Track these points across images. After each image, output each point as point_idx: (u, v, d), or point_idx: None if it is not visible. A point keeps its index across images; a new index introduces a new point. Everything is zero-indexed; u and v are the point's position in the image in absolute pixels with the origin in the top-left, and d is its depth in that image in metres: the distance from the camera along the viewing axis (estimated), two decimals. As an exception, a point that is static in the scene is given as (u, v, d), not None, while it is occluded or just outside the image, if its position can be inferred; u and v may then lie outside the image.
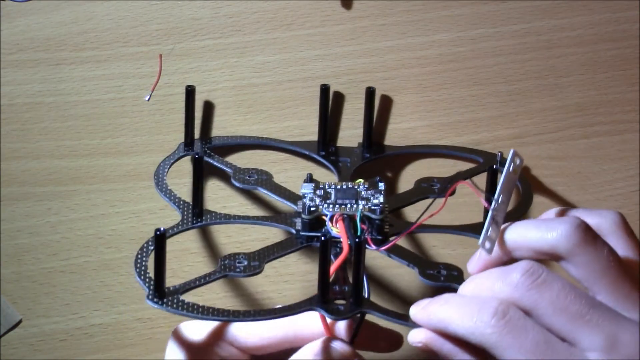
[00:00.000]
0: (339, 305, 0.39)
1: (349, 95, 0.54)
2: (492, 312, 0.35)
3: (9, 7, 0.53)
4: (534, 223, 0.38)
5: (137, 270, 0.41)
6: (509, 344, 0.34)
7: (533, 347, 0.34)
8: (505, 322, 0.35)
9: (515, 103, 0.54)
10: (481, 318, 0.35)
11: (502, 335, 0.34)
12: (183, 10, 0.53)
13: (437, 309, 0.37)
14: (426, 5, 0.53)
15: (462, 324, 0.35)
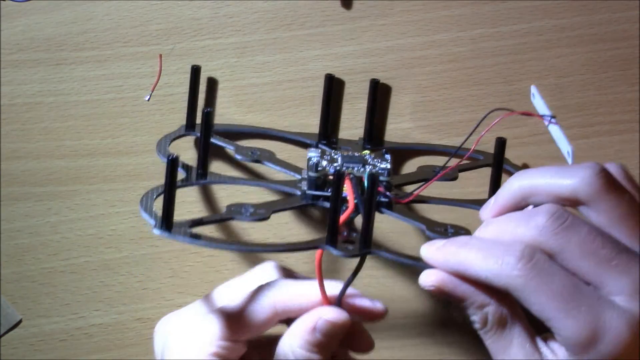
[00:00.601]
0: (348, 246, 0.38)
1: (349, 95, 0.54)
2: (519, 255, 0.34)
3: (9, 7, 0.53)
4: (553, 169, 0.37)
5: (142, 206, 0.40)
6: (535, 287, 0.34)
7: (559, 291, 0.34)
8: (532, 265, 0.34)
9: (515, 103, 0.54)
10: (507, 261, 0.34)
11: (528, 278, 0.34)
12: (183, 10, 0.53)
13: (455, 250, 0.36)
14: (426, 5, 0.53)
15: (486, 267, 0.35)
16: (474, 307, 0.36)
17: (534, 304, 0.34)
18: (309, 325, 0.38)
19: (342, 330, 0.38)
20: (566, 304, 0.33)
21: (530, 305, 0.34)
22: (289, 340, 0.38)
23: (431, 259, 0.37)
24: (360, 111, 0.54)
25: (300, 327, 0.38)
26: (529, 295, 0.34)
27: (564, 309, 0.33)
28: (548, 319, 0.34)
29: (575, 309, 0.33)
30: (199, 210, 0.55)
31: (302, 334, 0.38)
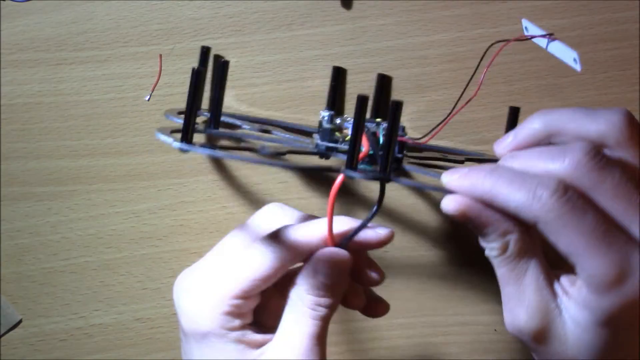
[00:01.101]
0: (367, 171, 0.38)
1: (349, 95, 0.54)
2: (553, 188, 0.33)
3: (9, 7, 0.53)
4: (581, 110, 0.37)
5: (159, 132, 0.38)
6: (567, 222, 0.33)
7: (591, 228, 0.33)
8: (565, 199, 0.33)
9: (515, 103, 0.54)
10: (540, 193, 0.34)
11: (561, 212, 0.33)
12: (183, 10, 0.53)
13: (482, 177, 0.35)
14: (426, 5, 0.53)
15: (516, 197, 0.34)
16: (497, 234, 0.35)
17: (563, 239, 0.33)
18: (309, 271, 0.38)
19: (341, 268, 0.38)
20: (596, 242, 0.33)
21: (558, 240, 0.34)
22: (296, 289, 0.38)
23: (456, 186, 0.36)
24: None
25: (302, 276, 0.38)
26: (558, 230, 0.33)
27: (594, 246, 0.33)
28: (575, 255, 0.33)
29: (605, 247, 0.33)
30: (199, 210, 0.55)
31: (305, 281, 0.38)
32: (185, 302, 0.40)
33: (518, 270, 0.35)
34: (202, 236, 0.55)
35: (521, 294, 0.35)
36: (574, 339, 0.34)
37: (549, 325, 0.35)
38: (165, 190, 0.55)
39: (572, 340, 0.34)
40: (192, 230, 0.54)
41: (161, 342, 0.55)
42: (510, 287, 0.36)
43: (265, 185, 0.54)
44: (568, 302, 0.35)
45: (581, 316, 0.34)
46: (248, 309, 0.39)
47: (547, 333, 0.35)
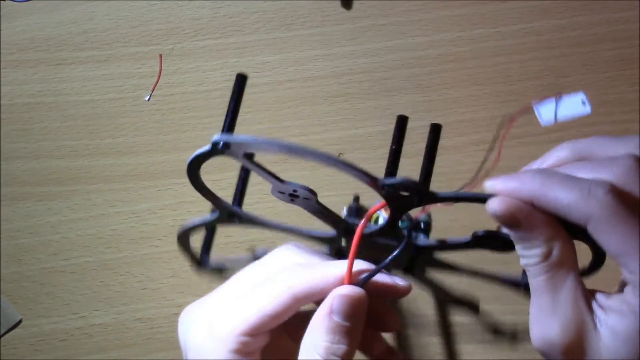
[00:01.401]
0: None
1: (349, 95, 0.54)
2: (608, 187, 0.33)
3: (9, 7, 0.53)
4: (609, 137, 0.37)
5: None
6: (620, 220, 0.33)
7: (629, 239, 0.33)
8: (619, 198, 0.33)
9: (515, 103, 0.54)
10: (595, 191, 0.33)
11: (615, 210, 0.33)
12: (183, 10, 0.53)
13: (532, 176, 0.35)
14: (426, 5, 0.53)
15: (568, 195, 0.33)
16: (542, 238, 0.35)
17: (615, 238, 0.33)
18: (324, 311, 0.36)
19: (358, 308, 0.36)
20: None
21: (610, 239, 0.33)
22: (310, 337, 0.36)
23: (501, 187, 0.35)
24: (360, 111, 0.54)
25: (316, 318, 0.36)
26: (612, 228, 0.33)
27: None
28: (627, 254, 0.33)
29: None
30: (199, 210, 0.55)
31: (320, 324, 0.36)
32: (191, 336, 0.38)
33: (556, 280, 0.35)
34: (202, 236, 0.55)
35: (556, 305, 0.35)
36: (609, 353, 0.34)
37: (582, 339, 0.34)
38: (165, 190, 0.55)
39: (607, 355, 0.34)
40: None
41: (161, 342, 0.55)
42: (545, 298, 0.35)
43: (266, 185, 0.54)
44: (606, 316, 0.34)
45: (623, 325, 0.33)
46: (256, 346, 0.38)
47: (579, 348, 0.34)
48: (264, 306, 0.37)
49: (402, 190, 0.37)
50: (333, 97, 0.54)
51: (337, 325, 0.36)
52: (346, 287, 0.37)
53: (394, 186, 0.37)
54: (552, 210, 0.34)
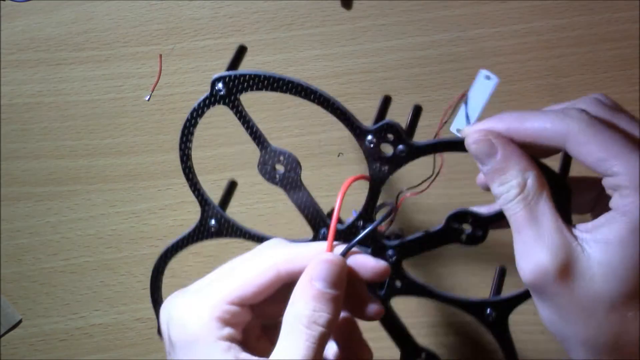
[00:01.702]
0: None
1: (349, 95, 0.54)
2: (582, 108, 0.36)
3: (9, 7, 0.53)
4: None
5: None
6: (599, 130, 0.35)
7: (621, 135, 0.35)
8: (594, 115, 0.35)
9: (515, 103, 0.54)
10: (568, 112, 0.35)
11: (592, 122, 0.35)
12: (183, 10, 0.53)
13: (509, 113, 0.37)
14: (426, 5, 0.53)
15: (545, 117, 0.36)
16: (518, 168, 0.36)
17: (597, 145, 0.34)
18: (305, 279, 0.36)
19: (339, 273, 0.37)
20: (630, 142, 0.34)
21: (591, 149, 0.34)
22: (292, 308, 0.36)
23: (479, 126, 0.38)
24: (360, 111, 0.54)
25: (298, 287, 0.37)
26: (590, 136, 0.34)
27: (629, 146, 0.34)
28: (610, 158, 0.34)
29: (637, 148, 0.34)
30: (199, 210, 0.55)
31: (301, 293, 0.36)
32: (175, 311, 0.38)
33: (536, 211, 0.36)
34: (202, 236, 0.55)
35: (541, 235, 0.35)
36: (602, 267, 0.34)
37: (573, 261, 0.35)
38: (165, 190, 0.55)
39: (599, 270, 0.34)
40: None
41: (161, 342, 0.55)
42: (529, 231, 0.36)
43: (265, 185, 0.54)
44: (592, 235, 0.35)
45: (614, 232, 0.34)
46: (239, 320, 0.38)
47: (571, 269, 0.34)
48: (248, 277, 0.37)
49: (387, 132, 0.39)
50: (333, 97, 0.54)
51: (319, 293, 0.36)
52: (326, 254, 0.37)
53: (378, 129, 0.39)
54: (528, 138, 0.36)
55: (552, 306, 0.35)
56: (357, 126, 0.39)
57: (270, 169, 0.41)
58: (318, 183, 0.54)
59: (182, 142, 0.42)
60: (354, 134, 0.39)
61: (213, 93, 0.40)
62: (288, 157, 0.41)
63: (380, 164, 0.39)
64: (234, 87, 0.40)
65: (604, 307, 0.34)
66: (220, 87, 0.40)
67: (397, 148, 0.39)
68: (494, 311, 0.41)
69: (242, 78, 0.40)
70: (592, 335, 0.35)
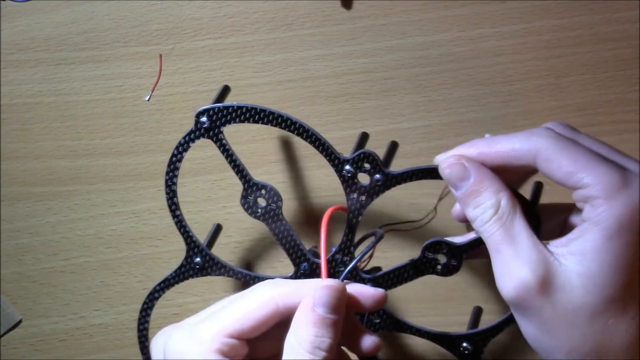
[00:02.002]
0: None
1: (349, 95, 0.54)
2: (546, 127, 0.38)
3: (9, 7, 0.53)
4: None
5: None
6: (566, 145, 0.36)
7: (588, 150, 0.36)
8: (557, 133, 0.37)
9: (515, 103, 0.54)
10: (535, 131, 0.37)
11: (559, 139, 0.36)
12: (183, 10, 0.53)
13: (476, 140, 0.39)
14: (426, 5, 0.53)
15: (513, 140, 0.37)
16: (491, 190, 0.37)
17: (566, 159, 0.36)
18: (308, 305, 0.37)
19: (340, 298, 0.37)
20: (597, 156, 0.36)
21: (561, 163, 0.36)
22: (293, 334, 0.37)
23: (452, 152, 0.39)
24: (360, 111, 0.54)
25: (299, 314, 0.37)
26: (558, 152, 0.36)
27: (596, 159, 0.36)
28: (580, 171, 0.35)
29: (605, 160, 0.36)
30: (199, 210, 0.55)
31: (303, 319, 0.37)
32: (172, 342, 0.38)
33: (511, 231, 0.37)
34: (202, 236, 0.55)
35: (519, 253, 0.36)
36: (581, 278, 0.35)
37: (552, 275, 0.35)
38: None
39: (578, 282, 0.35)
40: (192, 231, 0.54)
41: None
42: (506, 250, 0.37)
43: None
44: (567, 248, 0.36)
45: (589, 242, 0.35)
46: (237, 353, 0.38)
47: (551, 282, 0.35)
48: (247, 311, 0.38)
49: (364, 161, 0.40)
50: (333, 97, 0.54)
51: (321, 318, 0.37)
52: (327, 280, 0.38)
53: (355, 159, 0.39)
54: (499, 159, 0.37)
55: (535, 321, 0.36)
56: (336, 156, 0.39)
57: (253, 203, 0.42)
58: (318, 183, 0.54)
59: (169, 177, 0.43)
60: (333, 165, 0.40)
61: (197, 127, 0.41)
62: (270, 190, 0.42)
63: (357, 194, 0.40)
64: (217, 119, 0.40)
65: (585, 317, 0.35)
66: (205, 120, 0.40)
67: (373, 177, 0.40)
68: (469, 344, 0.43)
69: (226, 110, 0.40)
70: (577, 346, 0.35)
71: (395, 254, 0.54)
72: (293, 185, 0.54)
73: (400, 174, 0.40)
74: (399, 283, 0.42)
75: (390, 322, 0.43)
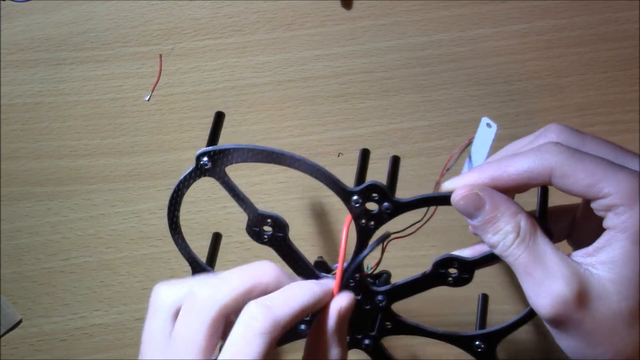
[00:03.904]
0: None
1: (349, 95, 0.54)
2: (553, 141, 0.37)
3: (9, 7, 0.53)
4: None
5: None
6: (581, 157, 0.36)
7: (602, 159, 0.36)
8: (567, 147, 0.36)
9: (515, 103, 0.54)
10: (545, 148, 0.36)
11: (571, 152, 0.36)
12: (183, 10, 0.53)
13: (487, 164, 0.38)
14: (426, 5, 0.53)
15: (525, 161, 0.36)
16: (509, 214, 0.37)
17: (583, 171, 0.35)
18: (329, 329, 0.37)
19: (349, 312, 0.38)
20: (613, 164, 0.35)
21: (578, 176, 0.35)
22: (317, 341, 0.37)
23: (461, 181, 0.38)
24: (360, 111, 0.54)
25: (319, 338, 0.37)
26: (574, 166, 0.35)
27: (613, 166, 0.35)
28: (599, 180, 0.35)
29: (620, 167, 0.35)
30: (199, 210, 0.55)
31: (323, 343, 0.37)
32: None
33: (537, 250, 0.36)
34: (202, 236, 0.55)
35: (549, 270, 0.36)
36: (615, 285, 0.35)
37: (586, 286, 0.35)
38: (165, 190, 0.55)
39: (613, 288, 0.35)
40: (192, 231, 0.54)
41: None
42: (536, 270, 0.36)
43: (265, 185, 0.55)
44: (595, 258, 0.36)
45: (617, 250, 0.35)
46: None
47: (587, 294, 0.35)
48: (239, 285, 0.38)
49: (371, 192, 0.39)
50: (333, 97, 0.54)
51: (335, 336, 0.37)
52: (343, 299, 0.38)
53: (363, 190, 0.39)
54: (513, 182, 0.37)
55: (576, 334, 0.36)
56: (343, 188, 0.39)
57: (259, 231, 0.42)
58: (318, 183, 0.54)
59: (171, 211, 0.43)
60: (341, 197, 0.40)
61: (198, 167, 0.41)
62: (275, 219, 0.42)
63: (366, 219, 0.40)
64: (218, 159, 0.41)
65: (624, 322, 0.35)
66: (206, 160, 0.41)
67: (382, 205, 0.40)
68: (482, 343, 0.43)
69: (227, 152, 0.40)
70: (619, 351, 0.36)
71: (395, 253, 0.54)
72: (293, 185, 0.54)
73: (409, 202, 0.40)
74: (410, 294, 0.43)
75: (402, 327, 0.44)
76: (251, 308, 0.34)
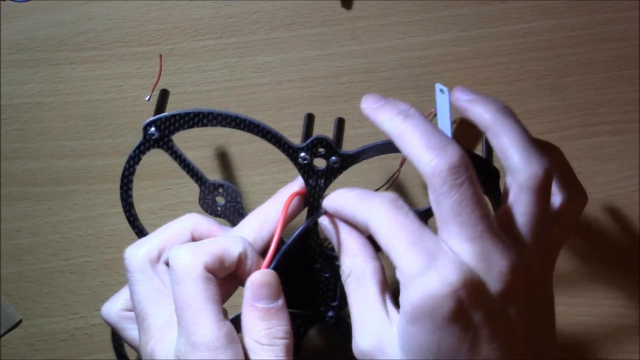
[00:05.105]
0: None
1: (349, 95, 0.54)
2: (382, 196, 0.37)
3: (9, 7, 0.53)
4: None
5: None
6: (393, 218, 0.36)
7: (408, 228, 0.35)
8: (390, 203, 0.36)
9: (515, 103, 0.54)
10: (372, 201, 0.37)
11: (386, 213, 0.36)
12: (183, 10, 0.53)
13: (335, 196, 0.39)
14: (426, 5, 0.53)
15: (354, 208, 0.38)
16: (346, 254, 0.38)
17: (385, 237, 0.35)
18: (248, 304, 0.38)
19: (275, 284, 0.39)
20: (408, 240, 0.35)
21: (382, 240, 0.35)
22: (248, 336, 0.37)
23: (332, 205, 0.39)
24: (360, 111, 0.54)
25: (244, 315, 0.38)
26: (383, 228, 0.35)
27: (406, 244, 0.34)
28: (391, 250, 0.35)
29: (413, 243, 0.34)
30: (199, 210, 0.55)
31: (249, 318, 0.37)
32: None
33: (362, 290, 0.37)
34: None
35: (363, 319, 0.36)
36: (404, 342, 0.35)
37: (382, 341, 0.35)
38: (165, 190, 0.55)
39: (403, 345, 0.35)
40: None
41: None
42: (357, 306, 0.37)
43: (265, 185, 0.55)
44: (395, 308, 0.36)
45: (405, 303, 0.34)
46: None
47: (382, 350, 0.35)
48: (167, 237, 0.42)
49: (318, 146, 0.40)
50: (333, 97, 0.54)
51: (265, 311, 0.37)
52: (255, 273, 0.38)
53: (309, 145, 0.40)
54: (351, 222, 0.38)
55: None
56: (289, 146, 0.40)
57: (212, 202, 0.43)
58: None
59: (123, 190, 0.44)
60: (287, 154, 0.40)
61: (147, 138, 0.42)
62: (227, 188, 0.43)
63: (316, 178, 0.41)
64: (165, 128, 0.41)
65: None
66: (153, 130, 0.42)
67: (329, 160, 0.41)
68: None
69: (173, 119, 0.41)
70: None
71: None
72: (293, 185, 0.54)
73: (355, 152, 0.41)
74: None
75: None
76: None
